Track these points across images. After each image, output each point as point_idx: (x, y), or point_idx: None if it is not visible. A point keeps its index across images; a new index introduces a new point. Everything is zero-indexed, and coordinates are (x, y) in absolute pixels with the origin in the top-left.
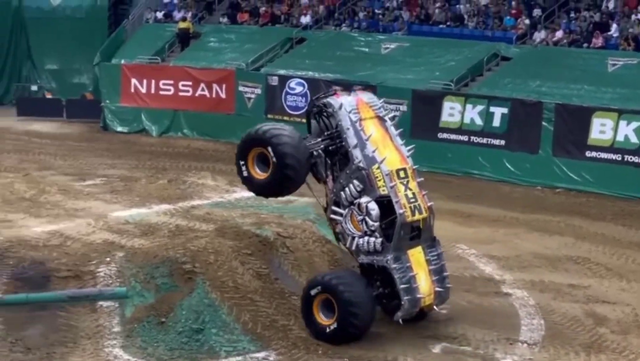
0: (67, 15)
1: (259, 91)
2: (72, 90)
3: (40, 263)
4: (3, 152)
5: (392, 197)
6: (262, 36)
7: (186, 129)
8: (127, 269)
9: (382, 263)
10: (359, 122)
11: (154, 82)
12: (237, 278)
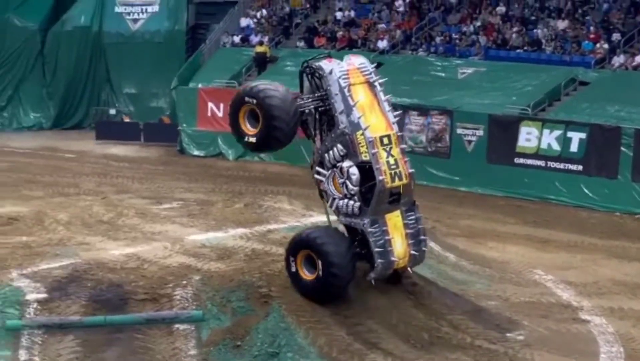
0: (146, 39)
1: None
2: (149, 114)
3: (118, 286)
4: (82, 175)
5: (373, 163)
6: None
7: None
8: (204, 292)
9: (359, 226)
10: (347, 88)
11: None
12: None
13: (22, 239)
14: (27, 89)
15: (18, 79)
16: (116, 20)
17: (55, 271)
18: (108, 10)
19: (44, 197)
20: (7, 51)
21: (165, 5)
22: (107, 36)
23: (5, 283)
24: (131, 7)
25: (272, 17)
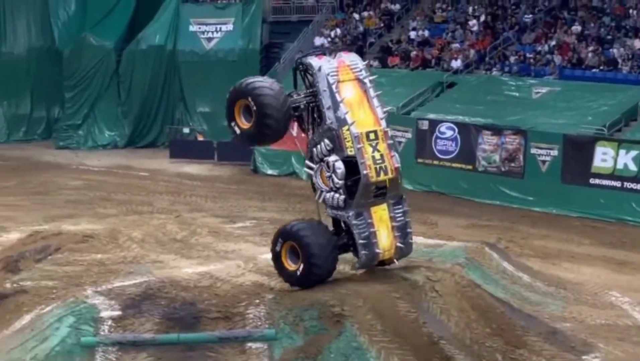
0: (220, 58)
1: (409, 135)
2: (223, 132)
3: (191, 304)
4: (156, 193)
5: (358, 158)
6: (413, 80)
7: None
8: (276, 311)
9: (344, 218)
10: (335, 84)
11: None
12: (385, 321)
13: (96, 257)
14: (103, 107)
15: (94, 97)
16: (190, 39)
17: (129, 289)
18: (182, 29)
19: (118, 215)
20: (84, 70)
21: (239, 24)
22: (182, 55)
23: (81, 300)
24: (205, 26)
25: (346, 36)
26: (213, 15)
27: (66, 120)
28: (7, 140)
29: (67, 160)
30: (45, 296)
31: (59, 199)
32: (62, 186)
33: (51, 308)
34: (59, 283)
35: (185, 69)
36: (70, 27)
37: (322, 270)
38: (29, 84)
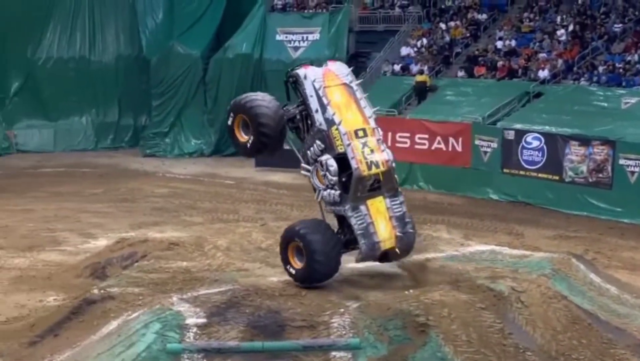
0: None
1: (495, 145)
2: None
3: (276, 312)
4: (241, 201)
5: (348, 153)
6: (499, 90)
7: (422, 182)
8: (361, 320)
9: (341, 212)
10: (322, 89)
11: (391, 134)
12: (470, 332)
13: (182, 264)
14: (189, 115)
15: (180, 105)
16: (277, 48)
17: (215, 296)
18: (269, 38)
19: (204, 222)
20: (171, 78)
21: (325, 33)
22: (268, 63)
23: (167, 307)
24: (292, 36)
25: (433, 46)
26: (300, 25)
27: (153, 128)
28: (95, 148)
29: (153, 167)
30: (131, 302)
31: (146, 207)
32: (148, 194)
33: (138, 314)
34: (145, 289)
35: (272, 77)
36: (158, 35)
37: (324, 268)
38: (116, 92)
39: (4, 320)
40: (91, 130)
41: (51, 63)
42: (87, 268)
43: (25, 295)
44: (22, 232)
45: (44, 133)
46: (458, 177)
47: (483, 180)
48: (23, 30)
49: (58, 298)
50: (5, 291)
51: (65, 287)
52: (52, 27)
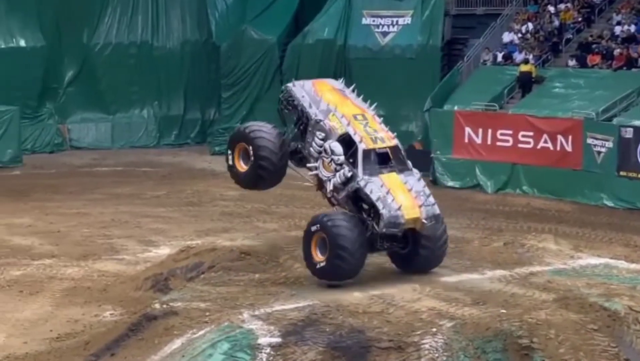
0: (396, 55)
1: (610, 144)
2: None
3: (360, 332)
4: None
5: (350, 131)
6: (616, 82)
7: (525, 186)
8: (456, 341)
9: (355, 186)
10: (312, 89)
11: (491, 131)
12: (580, 356)
13: (254, 276)
14: (264, 108)
15: (254, 97)
16: (363, 33)
17: (291, 313)
18: (354, 22)
19: (279, 229)
20: (243, 67)
21: (418, 17)
22: (353, 51)
23: (236, 324)
24: (380, 19)
25: (539, 31)
26: (389, 7)
27: (223, 122)
28: (157, 144)
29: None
30: (197, 319)
31: (214, 211)
32: (216, 197)
33: (204, 332)
34: (212, 305)
35: (357, 66)
36: (229, 19)
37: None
38: (182, 82)
39: (56, 336)
40: (153, 125)
41: (109, 49)
42: (148, 279)
43: (79, 309)
44: (76, 239)
45: (101, 128)
46: (567, 180)
47: (596, 184)
48: (79, 13)
49: (115, 312)
50: (57, 305)
51: (123, 301)
52: (110, 10)
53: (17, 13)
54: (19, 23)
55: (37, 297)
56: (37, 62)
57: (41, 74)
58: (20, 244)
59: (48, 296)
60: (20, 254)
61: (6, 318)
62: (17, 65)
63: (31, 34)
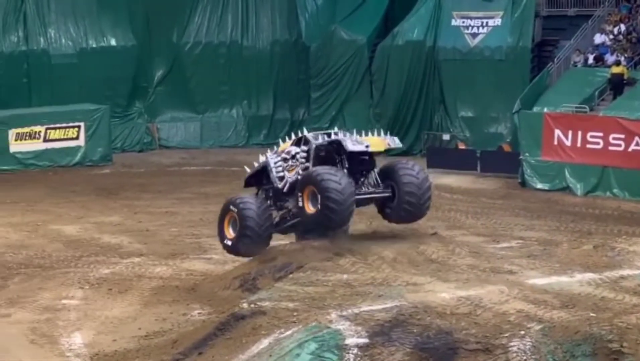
0: (485, 57)
1: None
2: (487, 140)
3: (447, 333)
4: None
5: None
6: None
7: (616, 189)
8: (544, 344)
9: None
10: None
11: (581, 134)
12: None
13: (342, 277)
14: (353, 109)
15: (343, 98)
16: (453, 34)
17: (378, 314)
18: (444, 24)
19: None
20: (332, 67)
21: (508, 18)
22: (442, 52)
23: (324, 325)
24: (470, 20)
25: (632, 33)
26: (479, 8)
27: (312, 123)
28: (246, 144)
29: None
30: (285, 319)
31: None
32: None
33: (291, 332)
34: (300, 304)
35: (446, 67)
36: (319, 19)
37: (336, 216)
38: (271, 82)
39: (144, 335)
40: (242, 125)
41: (199, 49)
42: (236, 279)
43: (167, 308)
44: (165, 238)
45: (190, 127)
46: None
47: None
48: (169, 12)
49: (203, 311)
50: (145, 303)
51: (211, 300)
52: (201, 9)
53: (108, 12)
54: (110, 22)
55: (125, 295)
56: (128, 61)
57: (132, 73)
58: (109, 242)
59: (137, 295)
60: (109, 252)
61: (95, 315)
62: (108, 65)
63: (122, 33)
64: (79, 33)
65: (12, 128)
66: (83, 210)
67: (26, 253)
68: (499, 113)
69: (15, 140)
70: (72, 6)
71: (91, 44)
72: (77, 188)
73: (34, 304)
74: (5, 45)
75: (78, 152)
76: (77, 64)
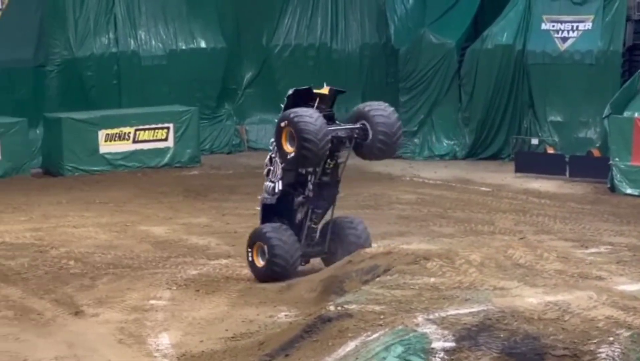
0: (575, 61)
1: None
2: (577, 145)
3: (534, 338)
4: (498, 211)
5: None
6: None
7: None
8: (633, 351)
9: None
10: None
11: None
12: None
13: (429, 280)
14: (441, 113)
15: (432, 101)
16: (542, 38)
17: (465, 318)
18: (534, 27)
19: (455, 234)
20: (422, 71)
21: (599, 22)
22: (531, 56)
23: (410, 328)
24: (560, 25)
25: None
26: (569, 12)
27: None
28: None
29: (400, 170)
30: (371, 322)
31: (390, 214)
32: (393, 200)
33: (378, 335)
34: (387, 308)
35: (535, 72)
36: (408, 22)
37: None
38: (360, 84)
39: (232, 336)
40: None
41: (288, 51)
42: (323, 281)
43: (255, 309)
44: None
45: None
46: None
47: None
48: (258, 15)
49: (290, 314)
50: (233, 304)
51: (298, 302)
52: (290, 11)
53: (198, 14)
54: (199, 24)
55: (213, 297)
56: (217, 63)
57: (221, 75)
58: (197, 244)
59: (224, 296)
60: (197, 254)
61: (183, 316)
62: (197, 66)
63: (212, 35)
64: (168, 35)
65: (102, 129)
66: (171, 211)
67: (114, 253)
68: (588, 118)
69: (105, 141)
70: (162, 8)
71: (181, 45)
72: (165, 190)
73: (122, 304)
74: (96, 47)
75: (167, 153)
76: (167, 65)
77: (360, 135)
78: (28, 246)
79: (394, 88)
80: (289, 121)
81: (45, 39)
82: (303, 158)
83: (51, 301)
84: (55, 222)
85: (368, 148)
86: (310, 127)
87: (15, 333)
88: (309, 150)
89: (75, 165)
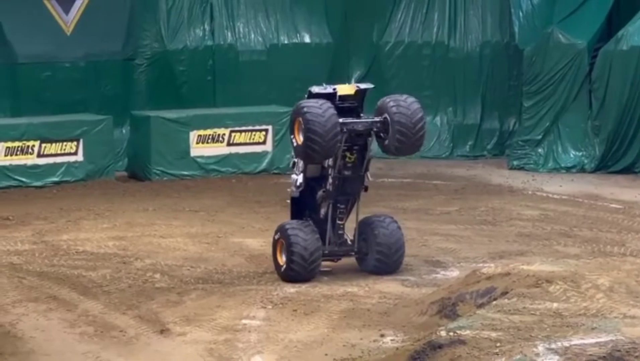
0: None
1: None
2: None
3: None
4: (630, 231)
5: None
6: None
7: None
8: None
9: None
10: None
11: None
12: None
13: (552, 305)
14: (568, 120)
15: (558, 107)
16: None
17: (591, 348)
18: None
19: (581, 255)
20: (548, 73)
21: None
22: None
23: (530, 358)
24: None
25: None
26: None
27: (523, 134)
28: (450, 155)
29: (521, 183)
30: (486, 350)
31: (509, 231)
32: (513, 215)
33: None
34: (504, 334)
35: None
36: (534, 20)
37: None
38: (480, 87)
39: None
40: (446, 134)
41: (400, 49)
42: (434, 304)
43: (357, 333)
44: None
45: None
46: None
47: None
48: (369, 9)
49: (396, 338)
50: (334, 327)
51: (405, 326)
52: (404, 6)
53: (302, 6)
54: (304, 17)
55: (311, 317)
56: (323, 59)
57: (326, 73)
58: None
59: (324, 317)
60: None
61: (278, 338)
62: (301, 63)
63: (317, 30)
64: (269, 28)
65: (194, 130)
66: (268, 222)
67: (205, 267)
68: None
69: (197, 144)
70: None
71: (283, 40)
72: (262, 198)
73: (212, 323)
74: (190, 39)
75: (264, 159)
76: (267, 61)
77: (380, 128)
78: (110, 256)
79: (517, 92)
80: (299, 112)
81: (135, 30)
82: (310, 150)
83: (134, 318)
84: (141, 230)
85: (388, 142)
86: (317, 119)
87: (95, 351)
88: (315, 142)
89: (163, 169)
